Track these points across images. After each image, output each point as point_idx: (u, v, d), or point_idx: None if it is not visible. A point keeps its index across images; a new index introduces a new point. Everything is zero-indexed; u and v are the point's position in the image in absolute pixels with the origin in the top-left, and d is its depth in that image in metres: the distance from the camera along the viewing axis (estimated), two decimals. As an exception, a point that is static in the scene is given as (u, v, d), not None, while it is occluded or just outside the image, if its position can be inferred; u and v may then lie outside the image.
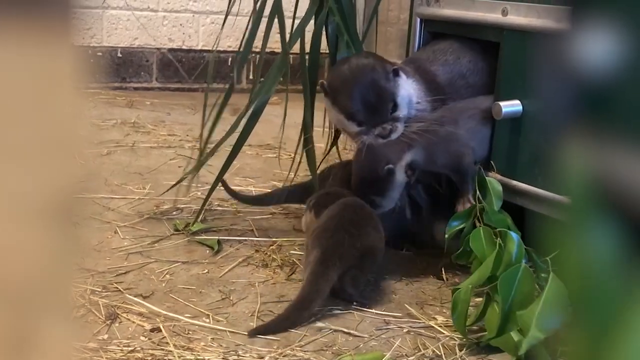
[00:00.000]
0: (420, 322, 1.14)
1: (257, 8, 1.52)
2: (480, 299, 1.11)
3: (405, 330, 1.11)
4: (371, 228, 1.19)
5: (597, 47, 0.35)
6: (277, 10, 1.48)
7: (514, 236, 1.11)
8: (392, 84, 1.29)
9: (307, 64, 1.50)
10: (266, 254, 1.38)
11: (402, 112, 1.29)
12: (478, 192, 1.28)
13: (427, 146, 1.29)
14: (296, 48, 1.54)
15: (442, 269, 1.34)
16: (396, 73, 1.30)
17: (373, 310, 1.16)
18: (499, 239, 1.12)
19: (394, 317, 1.15)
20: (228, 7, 1.59)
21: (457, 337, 1.09)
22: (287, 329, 1.08)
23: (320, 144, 1.57)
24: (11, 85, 0.34)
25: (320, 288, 1.11)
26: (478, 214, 1.25)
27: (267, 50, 1.54)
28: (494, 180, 1.28)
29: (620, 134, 0.36)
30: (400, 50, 2.48)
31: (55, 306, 0.36)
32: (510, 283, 1.04)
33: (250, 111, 1.46)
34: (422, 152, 1.29)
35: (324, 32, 1.58)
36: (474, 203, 1.27)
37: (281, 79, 1.49)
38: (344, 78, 1.30)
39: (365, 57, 1.34)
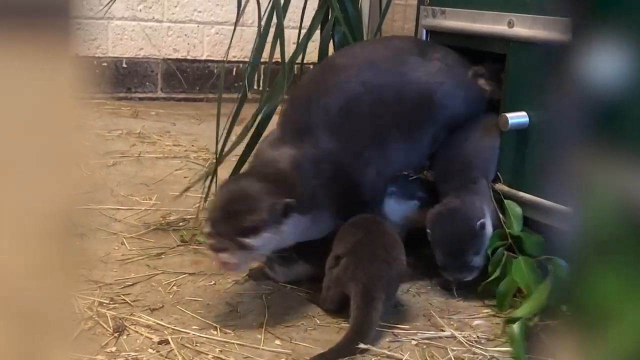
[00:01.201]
0: (428, 334, 1.14)
1: (262, 24, 1.54)
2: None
3: (413, 343, 1.11)
4: (401, 253, 1.18)
5: (603, 60, 0.35)
6: (278, 22, 1.49)
7: (563, 264, 1.12)
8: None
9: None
10: (273, 265, 1.37)
11: None
12: (502, 216, 1.29)
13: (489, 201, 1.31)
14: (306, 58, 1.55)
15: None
16: None
17: (381, 323, 1.15)
18: (553, 268, 1.14)
19: (402, 329, 1.15)
20: (237, 19, 1.60)
21: (465, 349, 1.09)
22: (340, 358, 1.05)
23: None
24: (13, 98, 0.34)
25: (373, 320, 1.10)
26: (511, 240, 1.26)
27: (274, 60, 1.55)
28: (512, 203, 1.29)
29: (627, 147, 0.36)
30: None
31: (58, 322, 0.36)
32: None
33: (257, 121, 1.46)
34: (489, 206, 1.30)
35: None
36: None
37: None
38: None
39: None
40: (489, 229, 1.27)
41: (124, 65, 2.94)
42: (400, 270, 1.17)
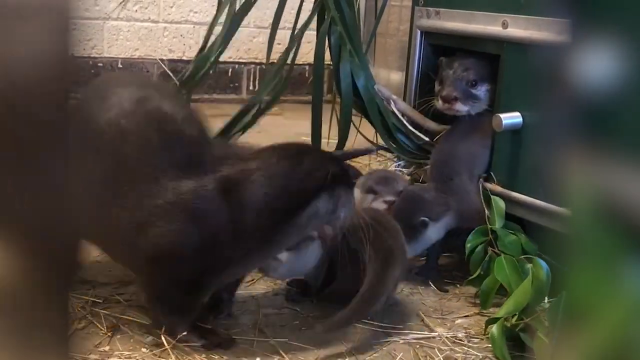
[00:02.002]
0: (421, 334, 1.14)
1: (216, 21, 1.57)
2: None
3: (406, 342, 1.11)
4: (404, 241, 1.21)
5: (596, 62, 0.35)
6: (231, 21, 1.51)
7: (542, 264, 1.12)
8: None
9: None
10: (267, 265, 1.37)
11: None
12: (487, 212, 1.29)
13: (457, 208, 1.32)
14: (300, 59, 1.56)
15: (443, 280, 1.34)
16: None
17: (374, 322, 1.16)
18: (530, 266, 1.14)
19: (396, 328, 1.15)
20: (214, 19, 1.62)
21: (458, 349, 1.09)
22: (352, 323, 1.09)
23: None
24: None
25: (387, 285, 1.11)
26: (491, 236, 1.27)
27: (271, 61, 1.55)
28: (498, 199, 1.30)
29: (619, 148, 0.36)
30: (400, 62, 2.49)
31: (53, 322, 0.36)
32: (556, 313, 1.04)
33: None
34: (455, 214, 1.32)
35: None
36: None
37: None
38: None
39: None
40: (431, 233, 1.30)
41: (120, 65, 2.94)
42: (405, 255, 1.20)
